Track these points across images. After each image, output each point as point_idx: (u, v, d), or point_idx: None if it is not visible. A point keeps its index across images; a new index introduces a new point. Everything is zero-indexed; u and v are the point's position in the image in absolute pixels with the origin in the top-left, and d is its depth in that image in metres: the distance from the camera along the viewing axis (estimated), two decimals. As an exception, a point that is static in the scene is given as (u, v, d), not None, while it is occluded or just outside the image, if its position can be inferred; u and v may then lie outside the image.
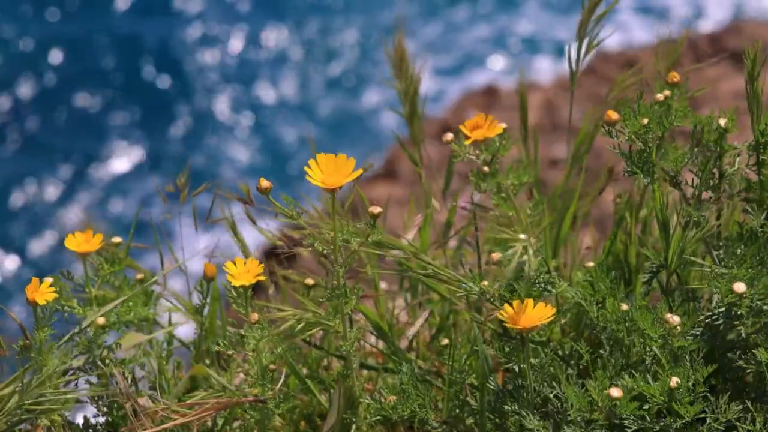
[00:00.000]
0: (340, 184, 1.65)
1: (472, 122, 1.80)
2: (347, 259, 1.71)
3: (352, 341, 1.77)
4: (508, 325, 1.67)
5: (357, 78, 8.28)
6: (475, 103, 6.78)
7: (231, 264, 1.78)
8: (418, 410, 1.79)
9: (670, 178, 1.80)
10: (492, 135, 1.80)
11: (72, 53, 8.28)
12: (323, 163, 1.66)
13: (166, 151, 7.78)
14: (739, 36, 6.40)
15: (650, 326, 1.69)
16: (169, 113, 8.01)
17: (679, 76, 1.79)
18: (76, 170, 7.62)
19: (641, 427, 1.67)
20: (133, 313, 1.94)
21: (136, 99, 8.07)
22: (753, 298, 1.68)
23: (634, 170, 1.78)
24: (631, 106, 1.76)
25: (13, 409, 1.78)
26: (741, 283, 1.67)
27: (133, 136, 7.85)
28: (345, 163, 1.66)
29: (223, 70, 8.34)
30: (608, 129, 1.77)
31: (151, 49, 8.38)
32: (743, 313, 1.68)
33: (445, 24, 8.64)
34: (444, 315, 2.19)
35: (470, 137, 1.79)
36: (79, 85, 8.09)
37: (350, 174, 1.65)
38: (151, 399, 1.95)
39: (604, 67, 6.68)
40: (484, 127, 1.80)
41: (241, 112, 8.05)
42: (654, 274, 1.82)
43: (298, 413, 2.07)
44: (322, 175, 1.66)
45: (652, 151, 1.77)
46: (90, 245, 1.87)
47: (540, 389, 1.74)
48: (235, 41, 8.53)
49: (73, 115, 7.94)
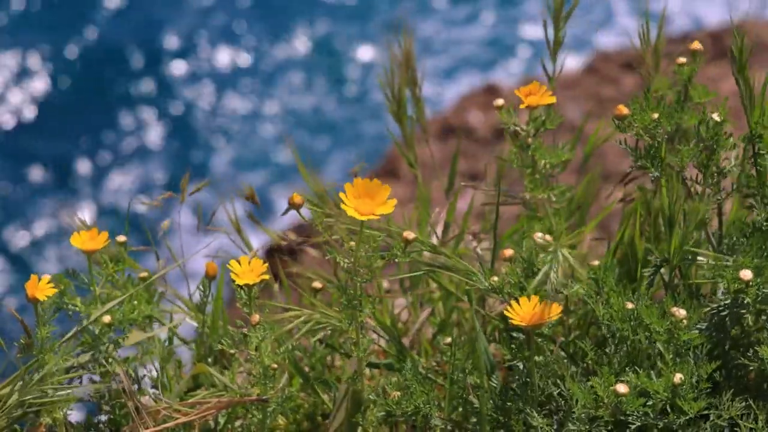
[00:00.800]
0: (375, 213, 1.63)
1: (527, 89, 1.85)
2: (368, 275, 1.71)
3: (365, 347, 1.78)
4: (514, 322, 1.67)
5: (357, 76, 8.27)
6: (476, 102, 6.77)
7: (235, 263, 1.78)
8: (422, 406, 1.79)
9: (675, 174, 1.80)
10: (544, 103, 1.85)
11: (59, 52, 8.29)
12: (358, 188, 1.64)
13: (162, 149, 7.78)
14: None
15: (656, 320, 1.69)
16: (169, 112, 8.01)
17: (699, 45, 1.81)
18: (73, 169, 7.62)
19: (645, 423, 1.67)
20: (137, 312, 1.94)
21: (135, 97, 8.07)
22: (760, 286, 1.67)
23: (644, 164, 1.79)
24: (640, 101, 1.77)
25: (14, 406, 1.78)
26: (747, 270, 1.66)
27: (132, 135, 7.85)
28: (379, 189, 1.64)
29: (222, 69, 8.34)
30: (618, 123, 1.78)
31: (149, 48, 8.38)
32: (750, 301, 1.67)
33: (443, 22, 8.63)
34: (446, 313, 2.19)
35: (524, 102, 1.83)
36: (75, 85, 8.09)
37: (385, 203, 1.63)
38: (153, 398, 1.95)
39: (604, 66, 6.68)
40: (537, 95, 1.84)
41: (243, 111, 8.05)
42: (657, 268, 1.82)
43: (301, 413, 2.07)
44: (355, 201, 1.64)
45: (661, 146, 1.77)
46: (95, 243, 1.87)
47: (545, 387, 1.74)
48: (234, 40, 8.53)
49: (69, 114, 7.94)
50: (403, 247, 1.71)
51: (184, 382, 2.02)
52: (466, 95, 7.00)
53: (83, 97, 8.06)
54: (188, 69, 8.29)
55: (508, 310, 1.68)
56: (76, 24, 8.47)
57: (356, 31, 8.55)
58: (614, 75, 6.62)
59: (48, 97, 8.03)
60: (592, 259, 1.95)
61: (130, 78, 8.19)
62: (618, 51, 6.92)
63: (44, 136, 7.80)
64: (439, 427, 1.84)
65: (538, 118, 1.86)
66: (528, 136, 1.85)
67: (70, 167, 7.63)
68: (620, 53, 6.81)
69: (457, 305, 2.18)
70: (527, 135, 1.85)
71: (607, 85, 6.49)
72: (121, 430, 1.96)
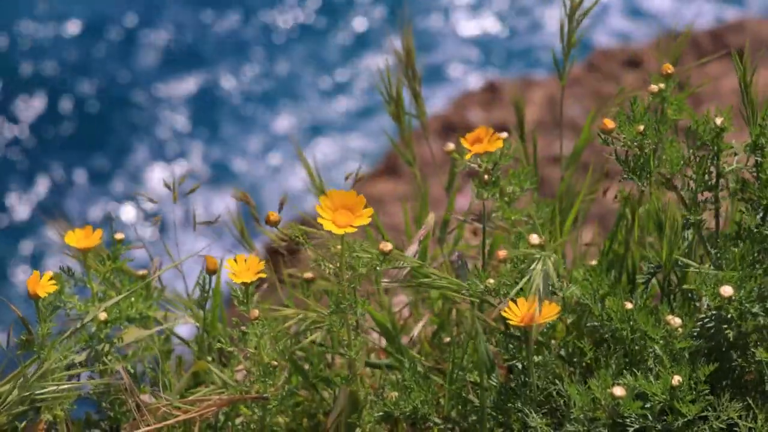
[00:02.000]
0: (352, 225, 1.63)
1: (474, 135, 1.82)
2: (354, 279, 1.72)
3: (357, 349, 1.78)
4: (512, 322, 1.67)
5: (355, 75, 8.27)
6: (476, 101, 6.78)
7: (232, 261, 1.78)
8: (420, 406, 1.79)
9: (666, 181, 1.80)
10: (492, 149, 1.82)
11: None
12: (333, 198, 1.65)
13: (158, 147, 7.78)
14: (742, 33, 6.40)
15: (651, 328, 1.69)
16: (167, 112, 8.00)
17: (672, 68, 1.80)
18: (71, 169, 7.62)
19: (643, 425, 1.67)
20: (134, 309, 1.95)
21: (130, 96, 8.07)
22: (741, 301, 1.67)
23: (630, 176, 1.79)
24: (626, 113, 1.77)
25: (14, 403, 1.78)
26: (728, 286, 1.66)
27: (132, 132, 7.85)
28: (355, 200, 1.65)
29: (219, 68, 8.33)
30: (604, 137, 1.78)
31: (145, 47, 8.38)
32: (733, 316, 1.68)
33: (443, 19, 8.62)
34: (445, 312, 2.19)
35: (471, 151, 1.82)
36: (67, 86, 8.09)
37: (362, 215, 1.64)
38: (153, 395, 1.96)
39: (605, 64, 6.68)
40: (484, 141, 1.82)
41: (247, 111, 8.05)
42: (651, 275, 1.82)
43: (300, 410, 2.07)
44: (332, 213, 1.64)
45: (649, 157, 1.77)
46: (90, 241, 1.88)
47: (543, 387, 1.74)
48: (233, 38, 8.53)
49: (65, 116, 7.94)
50: (381, 259, 1.71)
51: (184, 379, 2.02)
52: (466, 93, 7.00)
53: (83, 95, 8.06)
54: (186, 64, 8.29)
55: (506, 310, 1.68)
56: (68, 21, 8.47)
57: (359, 30, 8.54)
58: (615, 72, 6.62)
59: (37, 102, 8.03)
60: (590, 259, 1.96)
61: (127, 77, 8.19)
62: (619, 48, 6.93)
63: (33, 136, 7.80)
64: (438, 426, 1.85)
65: (493, 154, 1.85)
66: (485, 172, 1.85)
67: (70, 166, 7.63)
68: (621, 50, 6.82)
69: (456, 306, 2.19)
70: (485, 172, 1.85)
71: (608, 82, 6.50)
72: (121, 427, 1.97)
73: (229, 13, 8.66)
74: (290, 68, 8.27)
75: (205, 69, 8.25)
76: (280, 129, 7.88)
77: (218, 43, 8.44)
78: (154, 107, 7.96)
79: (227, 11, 8.65)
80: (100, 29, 8.42)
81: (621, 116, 1.77)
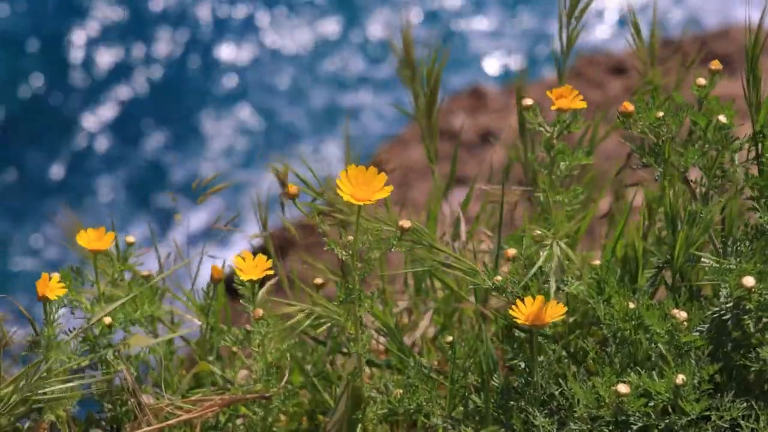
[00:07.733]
0: (370, 199, 1.67)
1: (558, 91, 1.86)
2: (365, 267, 1.73)
3: (364, 343, 1.78)
4: (518, 321, 1.68)
5: (355, 70, 8.27)
6: (461, 106, 6.78)
7: (239, 258, 1.79)
8: (424, 404, 1.80)
9: (679, 174, 1.82)
10: (574, 107, 1.86)
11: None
12: (353, 175, 1.68)
13: (156, 146, 7.76)
14: (727, 41, 6.44)
15: (657, 322, 1.70)
16: (164, 111, 7.99)
17: (720, 65, 1.83)
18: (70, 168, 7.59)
19: (646, 424, 1.68)
20: (139, 312, 1.94)
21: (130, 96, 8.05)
22: (762, 292, 1.69)
23: (648, 162, 1.81)
24: (646, 100, 1.79)
25: (17, 403, 1.77)
26: (750, 277, 1.69)
27: (135, 132, 7.82)
28: (375, 177, 1.68)
29: (218, 67, 8.32)
30: (623, 120, 1.80)
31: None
32: (752, 307, 1.69)
33: (431, 20, 8.64)
34: (448, 312, 2.19)
35: (555, 104, 1.85)
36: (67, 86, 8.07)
37: (381, 189, 1.68)
38: (155, 395, 1.95)
39: (590, 70, 6.70)
40: (568, 98, 1.86)
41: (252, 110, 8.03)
42: (659, 269, 1.84)
43: (301, 410, 2.07)
44: (352, 188, 1.68)
45: (666, 145, 1.79)
46: (102, 243, 1.87)
47: (546, 386, 1.75)
48: (231, 36, 8.52)
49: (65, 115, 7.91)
50: (398, 236, 1.73)
51: (186, 379, 2.02)
52: (451, 97, 7.01)
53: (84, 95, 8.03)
54: (184, 61, 8.27)
55: (513, 309, 1.69)
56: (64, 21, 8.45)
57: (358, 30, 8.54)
58: (600, 79, 6.64)
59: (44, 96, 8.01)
60: (594, 259, 1.96)
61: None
62: (604, 55, 6.95)
63: (32, 139, 7.77)
64: (440, 425, 1.85)
65: (564, 120, 1.86)
66: (552, 137, 1.86)
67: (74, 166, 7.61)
68: (606, 57, 6.84)
69: (459, 306, 2.19)
70: (551, 136, 1.86)
71: (593, 90, 6.51)
72: (123, 427, 1.96)
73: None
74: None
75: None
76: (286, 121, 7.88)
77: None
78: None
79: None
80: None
81: (640, 101, 1.79)
